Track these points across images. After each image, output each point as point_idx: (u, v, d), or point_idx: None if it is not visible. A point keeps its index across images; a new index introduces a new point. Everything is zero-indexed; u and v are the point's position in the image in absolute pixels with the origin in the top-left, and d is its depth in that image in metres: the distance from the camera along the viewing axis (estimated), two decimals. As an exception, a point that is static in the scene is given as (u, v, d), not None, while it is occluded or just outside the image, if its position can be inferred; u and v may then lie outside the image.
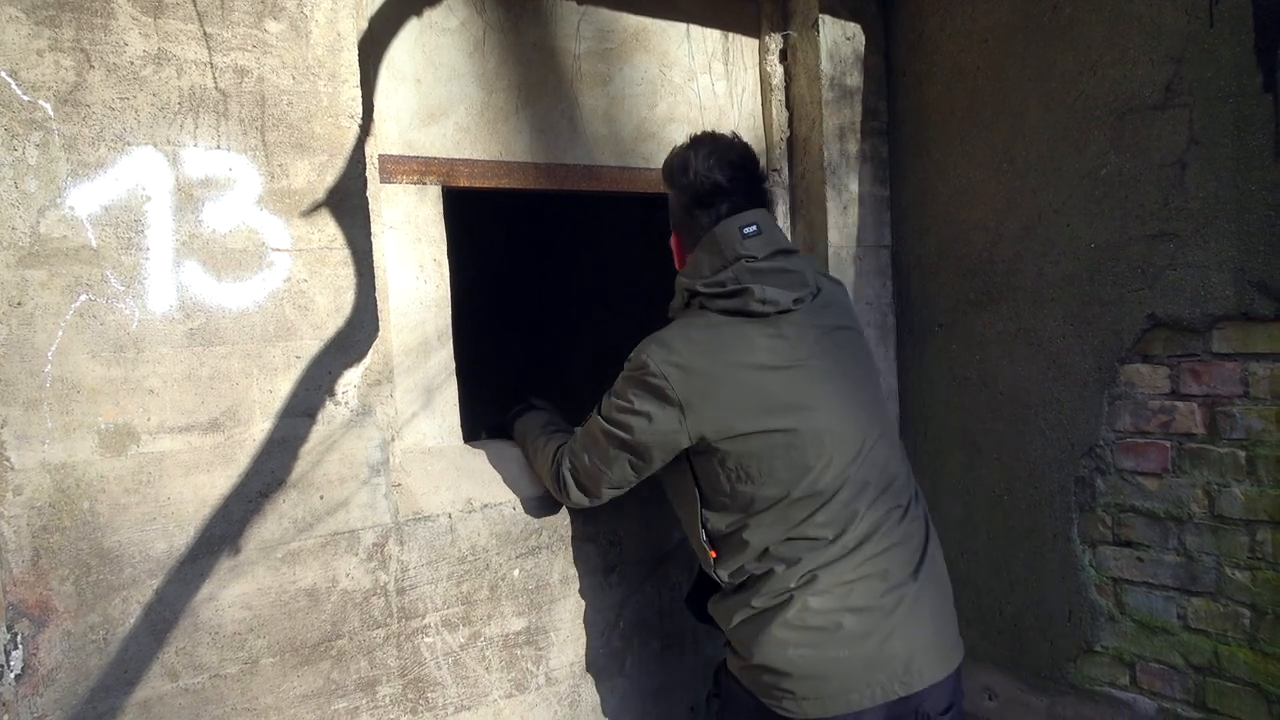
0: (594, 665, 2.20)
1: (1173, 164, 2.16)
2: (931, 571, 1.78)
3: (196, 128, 1.63)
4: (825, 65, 2.61)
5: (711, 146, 1.83)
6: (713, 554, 1.82)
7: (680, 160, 1.84)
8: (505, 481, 2.10)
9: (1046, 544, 2.49)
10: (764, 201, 1.87)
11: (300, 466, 1.75)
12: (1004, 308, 2.53)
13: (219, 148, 1.65)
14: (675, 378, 1.72)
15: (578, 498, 1.94)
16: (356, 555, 1.83)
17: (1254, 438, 2.08)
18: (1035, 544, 2.51)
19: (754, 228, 1.78)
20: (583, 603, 2.18)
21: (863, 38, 2.69)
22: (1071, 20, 2.32)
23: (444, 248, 2.13)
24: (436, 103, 2.13)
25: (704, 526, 1.81)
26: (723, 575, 1.80)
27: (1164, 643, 2.28)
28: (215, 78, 1.65)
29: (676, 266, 1.92)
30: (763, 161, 2.70)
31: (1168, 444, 2.23)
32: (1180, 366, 2.20)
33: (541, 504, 2.10)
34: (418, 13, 2.10)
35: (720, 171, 1.80)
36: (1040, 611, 2.52)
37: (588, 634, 2.19)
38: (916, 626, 1.71)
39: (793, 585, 1.70)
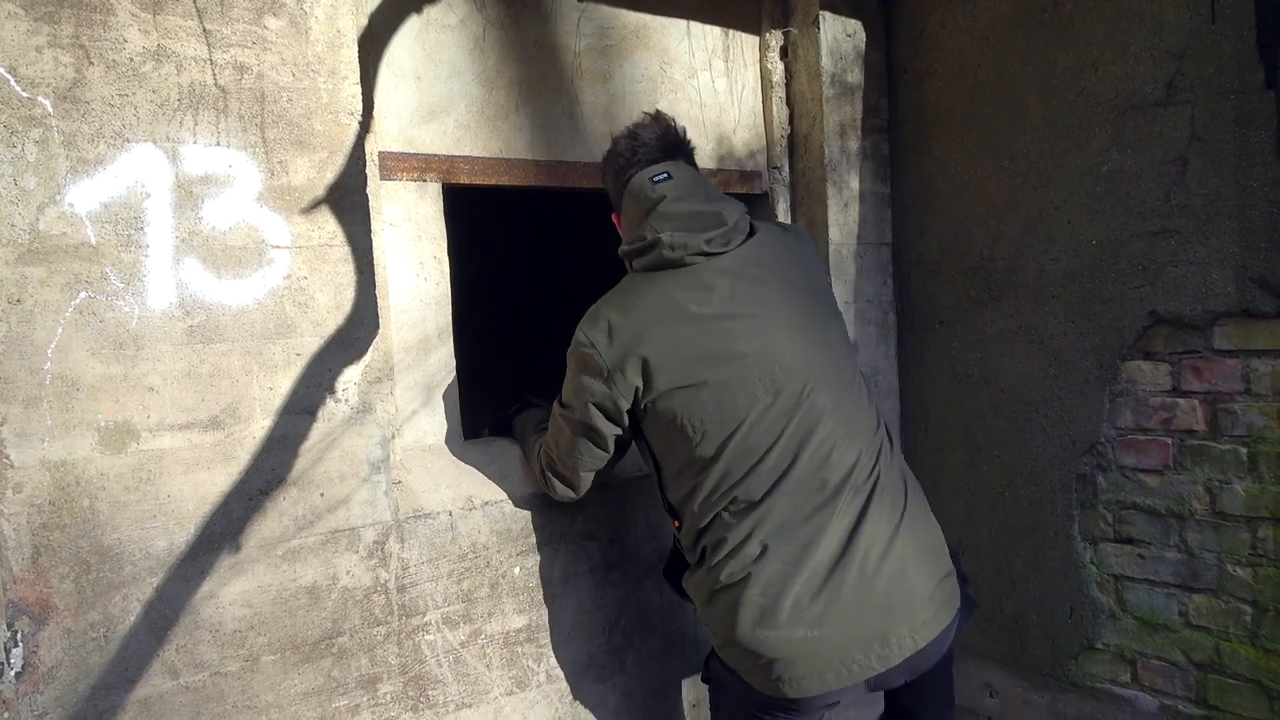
0: (595, 663, 2.20)
1: (1174, 161, 2.16)
2: (912, 530, 1.68)
3: (196, 124, 1.63)
4: (826, 62, 2.60)
5: (628, 128, 1.93)
6: (675, 524, 1.83)
7: (606, 149, 1.94)
8: (506, 479, 2.10)
9: (1047, 541, 2.48)
10: (682, 155, 1.88)
11: (301, 464, 1.75)
12: (1005, 305, 2.53)
13: (219, 144, 1.65)
14: (602, 345, 1.73)
15: (563, 491, 1.95)
16: (357, 553, 1.83)
17: (1255, 434, 2.08)
18: (1036, 541, 2.51)
19: (664, 174, 1.80)
20: (584, 600, 2.17)
21: (864, 34, 2.69)
22: (1073, 17, 2.32)
23: (444, 245, 2.13)
24: (436, 100, 2.12)
25: (664, 495, 1.83)
26: (685, 545, 1.80)
27: (1165, 640, 2.27)
28: (215, 74, 1.64)
29: None
30: (762, 158, 2.70)
31: (1169, 441, 2.23)
32: (1181, 363, 2.19)
33: (542, 501, 2.10)
34: (417, 9, 2.09)
35: (633, 138, 1.88)
36: (1041, 609, 2.51)
37: (589, 631, 2.18)
38: (892, 597, 1.61)
39: (749, 556, 1.64)
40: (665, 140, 1.88)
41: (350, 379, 1.80)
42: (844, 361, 1.78)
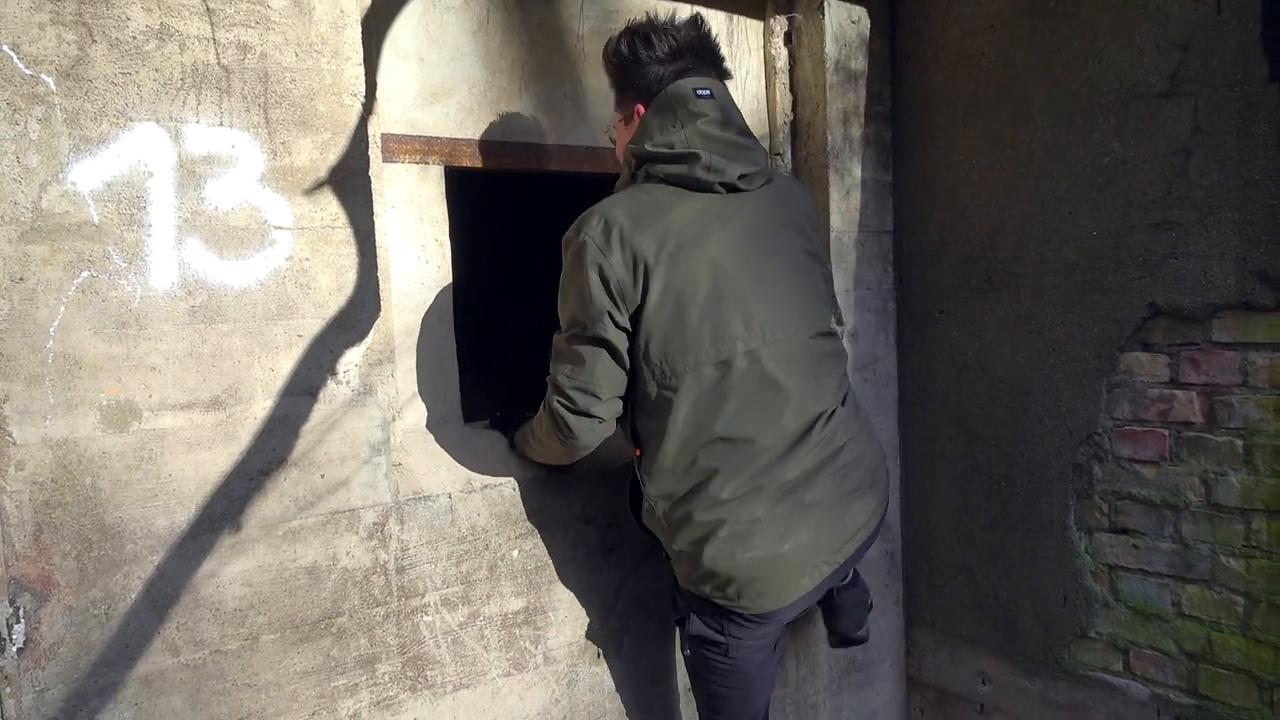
0: (592, 646, 2.21)
1: (1177, 152, 2.16)
2: (857, 455, 1.83)
3: (199, 104, 1.62)
4: (830, 49, 2.59)
5: (658, 24, 1.82)
6: (636, 451, 1.83)
7: (631, 32, 1.82)
8: (505, 462, 2.11)
9: (1043, 530, 2.50)
10: (717, 72, 1.83)
11: (301, 445, 1.76)
12: (1005, 294, 2.53)
13: (221, 124, 1.65)
14: (615, 255, 1.67)
15: (581, 425, 1.77)
16: (357, 534, 1.83)
17: (1252, 427, 2.09)
18: (1031, 530, 2.52)
19: (708, 91, 1.76)
20: (581, 583, 2.19)
21: (868, 21, 2.67)
22: (1078, 5, 2.31)
23: (446, 228, 2.13)
24: (439, 82, 2.12)
25: (631, 422, 1.83)
26: (649, 481, 1.79)
27: (1158, 629, 2.29)
28: (218, 54, 1.64)
29: (619, 155, 1.89)
30: (765, 144, 2.70)
31: (1166, 432, 2.24)
32: (1180, 355, 2.20)
33: (541, 485, 2.11)
34: (421, -10, 2.08)
35: (669, 36, 1.79)
36: (1035, 597, 2.53)
37: (586, 614, 2.20)
38: (846, 508, 1.79)
39: (725, 497, 1.72)
40: (705, 49, 1.81)
41: (351, 361, 1.81)
42: (822, 321, 1.86)
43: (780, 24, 2.67)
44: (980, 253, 2.58)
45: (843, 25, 2.62)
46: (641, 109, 1.81)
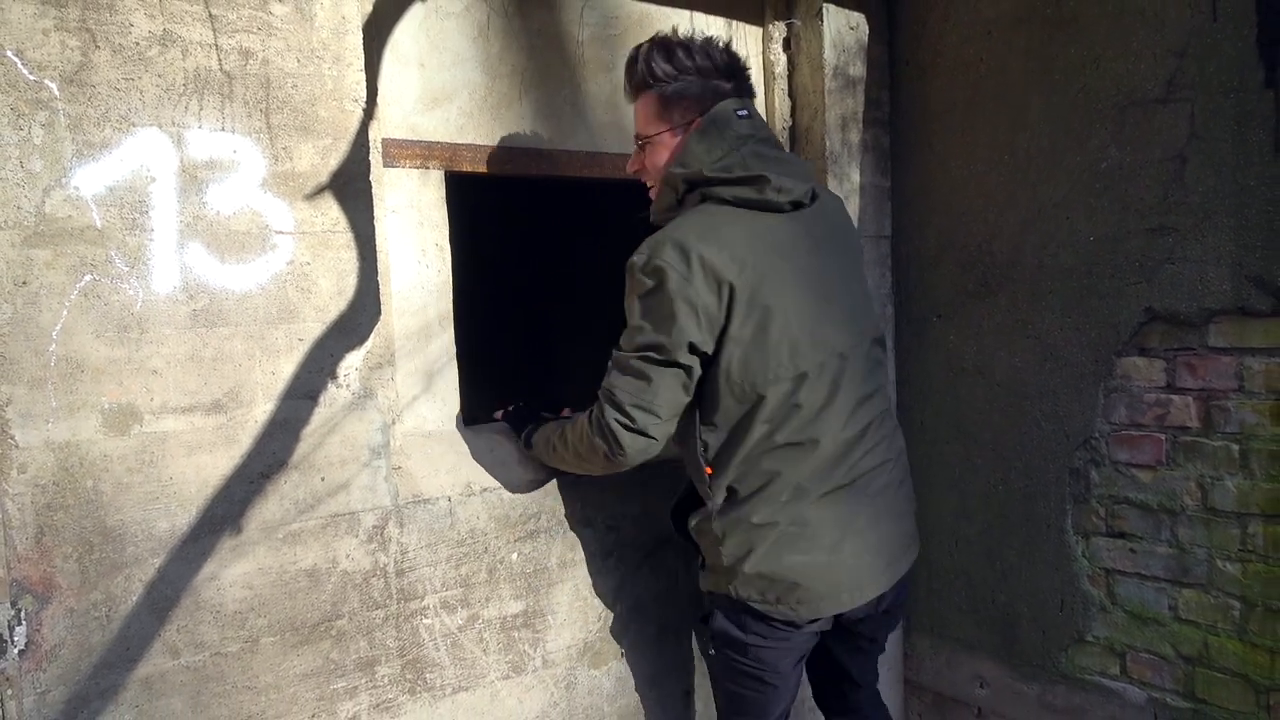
0: (590, 649, 2.22)
1: (1173, 158, 2.17)
2: (903, 479, 1.92)
3: (201, 109, 1.63)
4: (829, 54, 2.60)
5: (690, 37, 1.83)
6: (708, 470, 1.81)
7: (684, 45, 1.81)
8: (504, 466, 2.11)
9: (1040, 534, 2.51)
10: (750, 96, 1.87)
11: (302, 448, 1.77)
12: (1002, 299, 2.54)
13: (223, 130, 1.66)
14: (698, 278, 1.66)
15: (635, 444, 1.76)
16: (357, 537, 1.84)
17: (1248, 431, 2.10)
18: (1029, 534, 2.53)
19: (746, 112, 1.78)
20: (580, 587, 2.19)
21: (866, 27, 2.69)
22: (1075, 13, 2.32)
23: (446, 232, 2.14)
24: (440, 87, 2.13)
25: (699, 439, 1.80)
26: (716, 492, 1.80)
27: (1154, 633, 2.30)
28: (220, 60, 1.65)
29: (649, 165, 1.88)
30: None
31: (1162, 437, 2.25)
32: (1176, 360, 2.21)
33: (541, 489, 2.12)
34: (422, -4, 2.10)
35: (719, 53, 1.81)
36: (1033, 601, 2.54)
37: (584, 617, 2.21)
38: (889, 533, 1.84)
39: (784, 499, 1.75)
40: (740, 73, 1.84)
41: (352, 364, 1.82)
42: (873, 331, 1.91)
43: (779, 30, 2.69)
44: (978, 258, 2.59)
45: (841, 31, 2.63)
46: (699, 122, 1.79)
